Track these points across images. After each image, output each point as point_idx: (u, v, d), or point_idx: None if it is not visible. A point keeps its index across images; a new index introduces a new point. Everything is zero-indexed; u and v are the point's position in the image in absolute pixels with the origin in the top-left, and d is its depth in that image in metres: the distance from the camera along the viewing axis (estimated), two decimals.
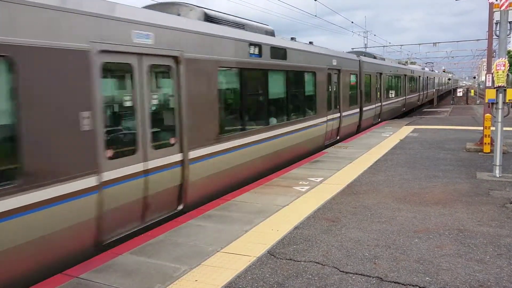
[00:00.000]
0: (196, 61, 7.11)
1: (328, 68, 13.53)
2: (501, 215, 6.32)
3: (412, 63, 37.99)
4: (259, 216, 6.47)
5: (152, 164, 6.17)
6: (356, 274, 4.49)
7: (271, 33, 10.65)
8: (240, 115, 8.76)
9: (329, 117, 13.70)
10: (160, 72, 6.63)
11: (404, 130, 17.26)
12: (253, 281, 4.40)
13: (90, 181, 5.10)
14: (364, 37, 49.65)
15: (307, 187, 8.16)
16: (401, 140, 14.48)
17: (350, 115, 16.14)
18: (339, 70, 14.64)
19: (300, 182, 8.58)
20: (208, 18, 8.14)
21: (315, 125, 12.48)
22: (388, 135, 15.91)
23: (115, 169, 5.52)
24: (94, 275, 4.59)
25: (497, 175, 8.71)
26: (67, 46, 4.84)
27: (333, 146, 13.40)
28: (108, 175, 5.38)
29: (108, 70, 5.62)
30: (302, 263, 4.80)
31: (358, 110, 17.28)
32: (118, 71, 5.97)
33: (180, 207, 6.84)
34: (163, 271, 4.67)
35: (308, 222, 6.19)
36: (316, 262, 4.80)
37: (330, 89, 13.87)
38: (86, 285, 4.37)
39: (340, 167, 10.06)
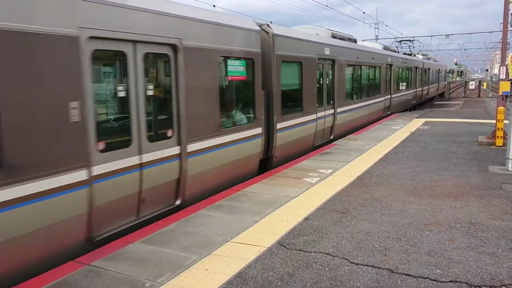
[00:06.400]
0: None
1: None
2: None
3: (423, 55, 37.50)
4: (269, 207, 6.47)
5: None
6: (367, 265, 4.48)
7: None
8: None
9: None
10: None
11: (415, 123, 17.11)
12: (263, 271, 4.41)
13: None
14: (376, 28, 49.08)
15: (317, 179, 8.14)
16: (412, 132, 14.36)
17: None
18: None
19: (310, 174, 8.56)
20: None
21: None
22: (398, 127, 15.79)
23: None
24: (106, 263, 4.64)
25: (510, 169, 8.60)
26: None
27: (342, 138, 13.33)
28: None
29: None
30: (312, 254, 4.80)
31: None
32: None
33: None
34: (174, 260, 4.70)
35: (318, 213, 6.18)
36: (326, 253, 4.80)
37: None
38: (97, 273, 4.42)
39: (350, 159, 10.01)
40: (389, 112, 21.01)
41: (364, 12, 38.82)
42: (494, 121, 12.48)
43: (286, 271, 4.40)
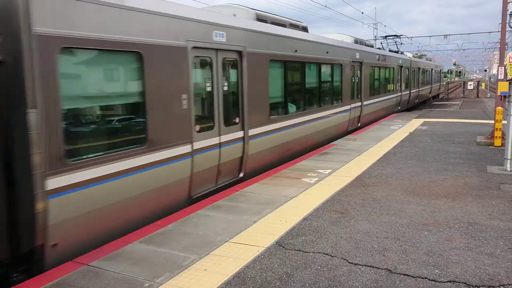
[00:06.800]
0: None
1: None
2: None
3: (422, 55, 37.49)
4: (268, 207, 6.47)
5: None
6: (365, 265, 4.49)
7: None
8: None
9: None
10: None
11: (413, 123, 17.13)
12: (261, 271, 4.41)
13: None
14: (374, 28, 49.16)
15: (316, 179, 8.14)
16: (410, 133, 14.37)
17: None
18: None
19: (309, 174, 8.57)
20: None
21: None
22: (397, 128, 15.81)
23: None
24: (104, 263, 4.64)
25: (508, 169, 8.62)
26: None
27: (341, 138, 13.33)
28: None
29: None
30: (310, 254, 4.81)
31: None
32: None
33: None
34: (172, 260, 4.70)
35: (316, 213, 6.19)
36: (325, 254, 4.80)
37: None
38: (96, 273, 4.42)
39: (348, 159, 10.02)
40: (359, 125, 16.45)
41: (362, 13, 38.85)
42: (492, 122, 12.50)
43: (285, 271, 4.41)
